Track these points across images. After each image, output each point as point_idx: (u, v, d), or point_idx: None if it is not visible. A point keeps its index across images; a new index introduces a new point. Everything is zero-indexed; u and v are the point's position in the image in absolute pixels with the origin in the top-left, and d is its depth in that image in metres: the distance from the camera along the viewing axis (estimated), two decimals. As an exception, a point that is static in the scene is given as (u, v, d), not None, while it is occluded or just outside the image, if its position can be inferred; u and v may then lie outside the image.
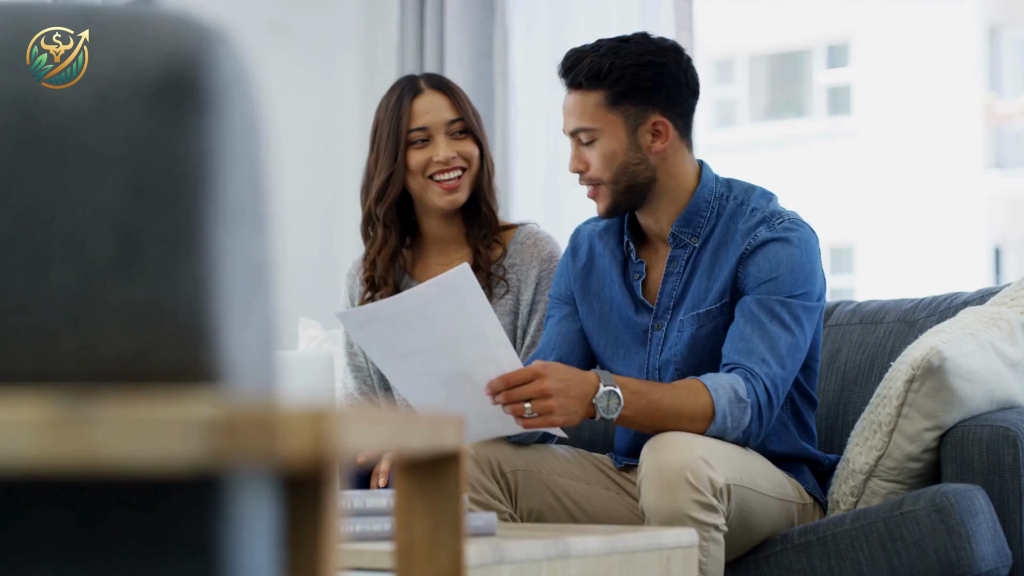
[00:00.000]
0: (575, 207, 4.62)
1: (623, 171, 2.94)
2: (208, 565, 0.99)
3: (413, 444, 1.27)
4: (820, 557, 2.89)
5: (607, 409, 2.75)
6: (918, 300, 3.47)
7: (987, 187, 18.13)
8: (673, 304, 3.01)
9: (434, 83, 3.40)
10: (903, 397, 2.92)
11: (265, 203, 1.01)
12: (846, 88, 18.95)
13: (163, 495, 0.98)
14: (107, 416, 0.90)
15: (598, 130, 2.94)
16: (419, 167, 3.33)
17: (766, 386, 2.84)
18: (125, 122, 0.98)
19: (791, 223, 2.94)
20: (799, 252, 2.92)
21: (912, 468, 2.94)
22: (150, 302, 0.97)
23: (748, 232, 2.94)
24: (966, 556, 2.78)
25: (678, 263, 3.01)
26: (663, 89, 2.94)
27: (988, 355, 2.97)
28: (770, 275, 2.90)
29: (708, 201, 2.99)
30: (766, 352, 2.85)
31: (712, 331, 2.97)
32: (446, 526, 1.58)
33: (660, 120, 2.93)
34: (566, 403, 2.71)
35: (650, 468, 2.72)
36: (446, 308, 2.63)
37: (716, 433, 2.81)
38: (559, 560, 2.35)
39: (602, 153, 2.93)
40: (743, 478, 2.80)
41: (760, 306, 2.88)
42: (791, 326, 2.88)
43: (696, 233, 2.99)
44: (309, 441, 0.88)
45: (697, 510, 2.68)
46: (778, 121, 19.45)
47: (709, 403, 2.80)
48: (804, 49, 19.28)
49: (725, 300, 2.95)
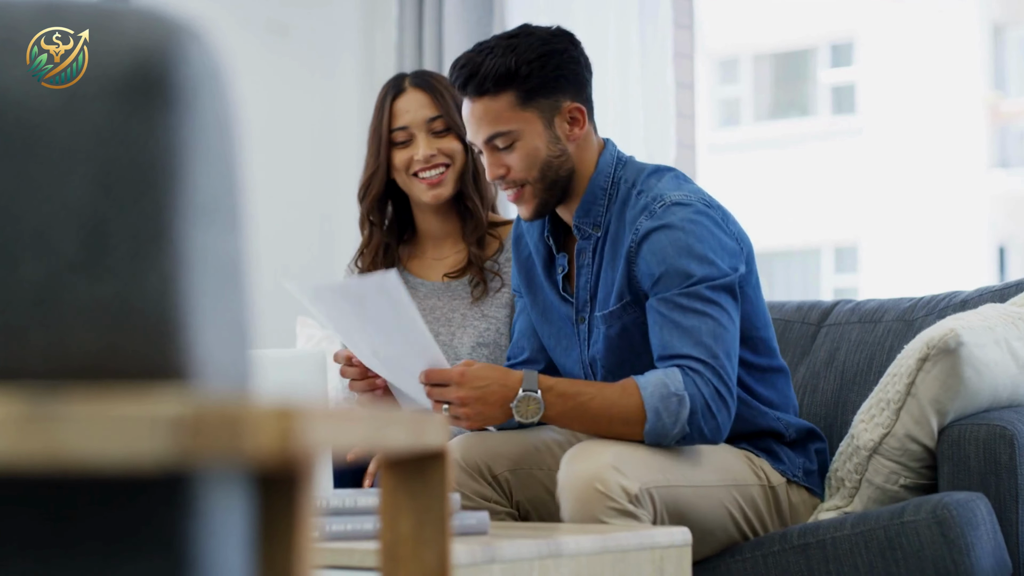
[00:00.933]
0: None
1: (547, 167, 2.88)
2: (177, 563, 0.98)
3: (392, 442, 1.26)
4: (818, 560, 2.88)
5: (524, 414, 2.75)
6: (916, 299, 3.46)
7: (991, 186, 18.10)
8: (589, 297, 2.97)
9: (417, 81, 3.42)
10: (914, 375, 2.89)
11: (238, 199, 1.00)
12: (850, 87, 18.93)
13: (132, 493, 0.98)
14: (74, 413, 0.89)
15: (516, 131, 2.87)
16: (403, 165, 3.37)
17: (709, 379, 2.75)
18: (93, 117, 0.97)
19: (673, 205, 2.83)
20: (683, 235, 2.80)
21: (913, 451, 2.92)
22: (118, 298, 0.96)
23: (633, 221, 2.86)
24: (965, 570, 2.76)
25: (586, 255, 2.96)
26: (569, 75, 2.89)
27: (1002, 351, 2.95)
28: (660, 268, 2.80)
29: (604, 188, 2.92)
30: (692, 348, 2.76)
31: (621, 330, 2.91)
32: (432, 524, 1.58)
33: (574, 106, 2.89)
34: (482, 410, 2.75)
35: (562, 480, 2.72)
36: (375, 306, 2.69)
37: (655, 431, 2.75)
38: (551, 559, 2.34)
39: (525, 153, 2.88)
40: (667, 478, 2.75)
41: (666, 304, 2.79)
42: (705, 310, 2.78)
43: (596, 223, 2.93)
44: (276, 439, 0.88)
45: (614, 517, 2.66)
46: (782, 120, 19.43)
47: (640, 403, 2.74)
48: (808, 48, 19.26)
49: (626, 300, 2.88)
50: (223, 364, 1.01)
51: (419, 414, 1.40)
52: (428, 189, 3.35)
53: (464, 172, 3.37)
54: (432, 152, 3.33)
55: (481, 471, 2.94)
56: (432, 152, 3.33)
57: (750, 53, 19.31)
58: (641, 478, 2.70)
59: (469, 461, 2.93)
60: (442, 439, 1.56)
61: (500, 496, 2.95)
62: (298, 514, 1.05)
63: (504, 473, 2.95)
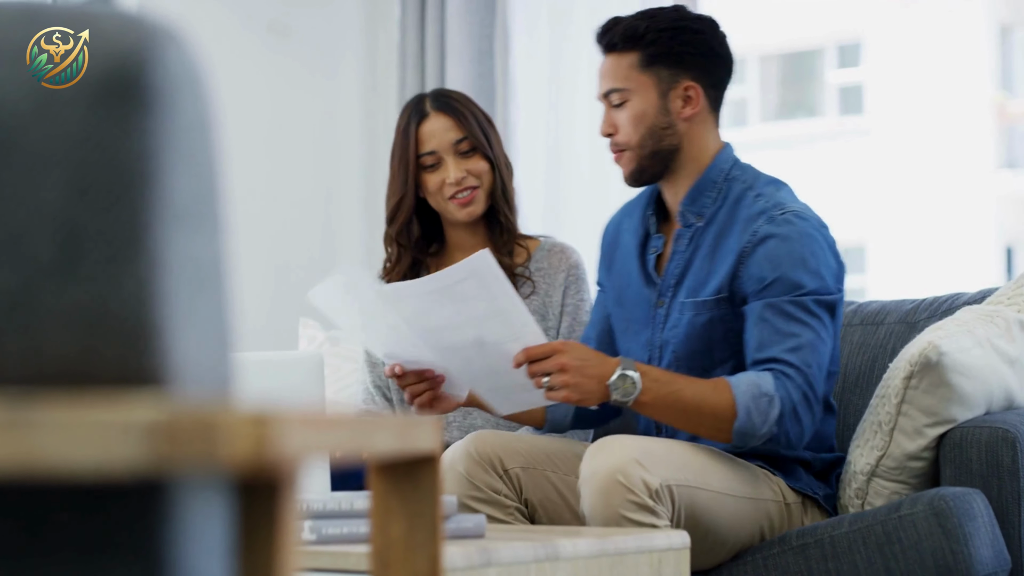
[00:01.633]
0: (575, 205, 4.62)
1: (650, 134, 2.97)
2: (155, 571, 0.97)
3: (379, 447, 1.25)
4: (817, 559, 2.87)
5: (622, 392, 2.76)
6: (919, 301, 3.45)
7: (998, 187, 18.08)
8: (675, 283, 3.01)
9: (438, 105, 3.49)
10: (902, 394, 2.90)
11: (216, 202, 0.99)
12: (857, 88, 18.92)
13: (109, 500, 0.97)
14: (47, 419, 0.88)
15: (630, 91, 2.98)
16: (435, 189, 3.45)
17: (799, 384, 2.80)
18: (68, 121, 0.96)
19: (794, 216, 2.90)
20: (800, 247, 2.87)
21: (913, 468, 2.92)
22: (94, 303, 0.95)
23: (750, 222, 2.92)
24: (963, 560, 2.76)
25: (682, 241, 3.02)
26: (696, 56, 2.98)
27: (986, 351, 2.95)
28: (774, 274, 2.86)
29: (716, 181, 3.00)
30: (788, 354, 2.81)
31: (707, 322, 2.95)
32: (423, 528, 1.57)
33: (692, 85, 2.97)
34: (581, 381, 2.75)
35: (585, 472, 2.74)
36: (469, 289, 2.71)
37: (744, 429, 2.78)
38: (548, 562, 2.33)
39: (632, 114, 2.97)
40: (688, 478, 2.77)
41: (771, 310, 2.85)
42: (808, 321, 2.84)
43: (701, 212, 2.99)
44: (251, 445, 0.86)
45: (633, 511, 2.68)
46: (789, 121, 19.42)
47: (731, 399, 2.78)
48: (815, 49, 19.24)
49: (723, 295, 2.93)
50: (202, 369, 0.99)
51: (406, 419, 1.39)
52: (461, 208, 3.44)
53: (494, 188, 3.47)
54: (462, 174, 3.42)
55: (493, 464, 2.95)
56: (462, 174, 3.42)
57: (757, 53, 19.29)
58: (663, 474, 2.71)
59: (482, 453, 2.94)
60: (433, 444, 1.55)
61: (510, 491, 2.96)
62: (279, 521, 1.04)
63: (516, 469, 2.97)
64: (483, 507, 2.91)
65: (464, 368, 2.88)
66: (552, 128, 4.67)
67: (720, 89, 3.03)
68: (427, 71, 4.83)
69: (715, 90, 3.01)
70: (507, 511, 2.94)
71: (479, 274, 2.69)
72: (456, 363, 2.87)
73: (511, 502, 2.96)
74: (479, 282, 2.70)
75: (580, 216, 4.60)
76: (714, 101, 3.02)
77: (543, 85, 4.69)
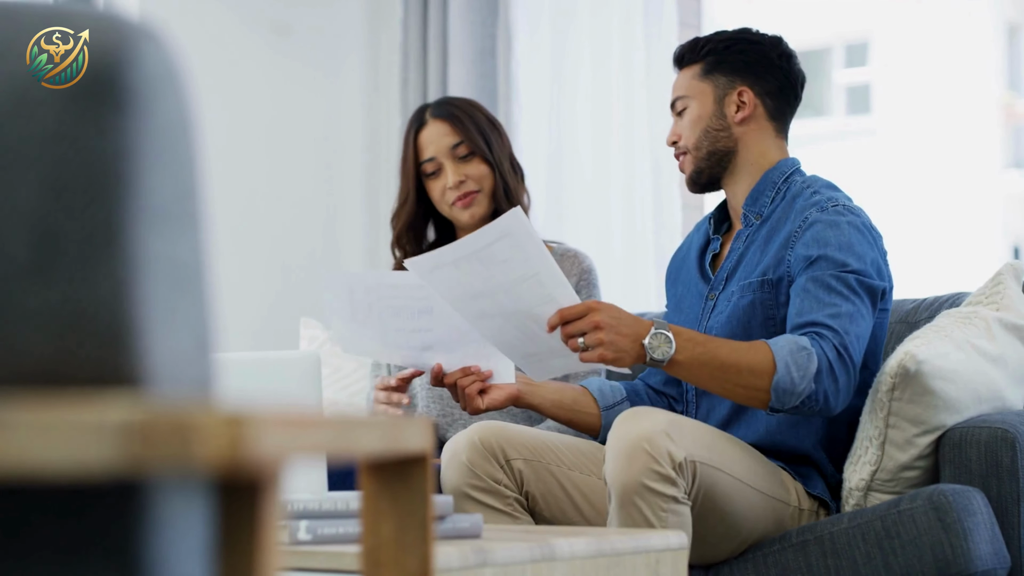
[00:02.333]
0: (577, 204, 4.61)
1: (705, 135, 3.09)
2: (132, 572, 0.96)
3: (363, 447, 1.24)
4: (817, 556, 2.87)
5: (658, 351, 2.76)
6: (919, 300, 3.44)
7: (1005, 186, 18.06)
8: (727, 276, 3.08)
9: (437, 112, 3.55)
10: (887, 407, 2.90)
11: (195, 202, 0.99)
12: (865, 87, 18.91)
13: (86, 502, 0.96)
14: (21, 420, 0.88)
15: (689, 98, 3.13)
16: (439, 196, 3.52)
17: (835, 345, 2.80)
18: (43, 120, 0.96)
19: (845, 209, 2.97)
20: (847, 234, 2.92)
21: (908, 478, 2.92)
22: (70, 303, 0.95)
23: (802, 211, 2.98)
24: (963, 554, 2.76)
25: (740, 240, 3.10)
26: (752, 65, 3.11)
27: (967, 353, 2.94)
28: (819, 252, 2.90)
29: (775, 182, 3.09)
30: (828, 319, 2.83)
31: (750, 304, 2.99)
32: (413, 529, 1.57)
33: (745, 91, 3.08)
34: (616, 339, 2.74)
35: (612, 438, 2.74)
36: (502, 251, 2.73)
37: (783, 384, 2.76)
38: (544, 563, 2.32)
39: (691, 119, 3.12)
40: (712, 458, 2.78)
41: (815, 282, 2.87)
42: (849, 296, 2.86)
43: (760, 212, 3.07)
44: (225, 446, 0.86)
45: (653, 479, 2.68)
46: (796, 120, 19.34)
47: (769, 355, 2.78)
48: (823, 48, 19.23)
49: (767, 277, 2.98)
50: (181, 369, 0.99)
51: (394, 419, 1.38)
52: (463, 211, 3.49)
53: (495, 191, 3.51)
54: (460, 178, 3.48)
55: (495, 454, 2.96)
56: (460, 178, 3.48)
57: (764, 53, 19.24)
58: (689, 448, 2.72)
59: (485, 443, 2.96)
60: (423, 443, 1.55)
61: (510, 481, 2.97)
62: (261, 522, 1.03)
63: (518, 461, 2.98)
64: (483, 496, 2.93)
65: (497, 336, 2.89)
66: (554, 127, 4.66)
67: (779, 99, 3.13)
68: (429, 71, 4.83)
69: (772, 99, 3.11)
70: (506, 501, 2.95)
71: (512, 233, 2.71)
72: (490, 331, 2.89)
73: (511, 493, 2.96)
74: (512, 242, 2.72)
75: (582, 216, 4.60)
76: (773, 110, 3.12)
77: (545, 85, 4.68)
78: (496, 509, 2.93)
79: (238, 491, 1.02)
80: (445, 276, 2.81)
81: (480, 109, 3.56)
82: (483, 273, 2.77)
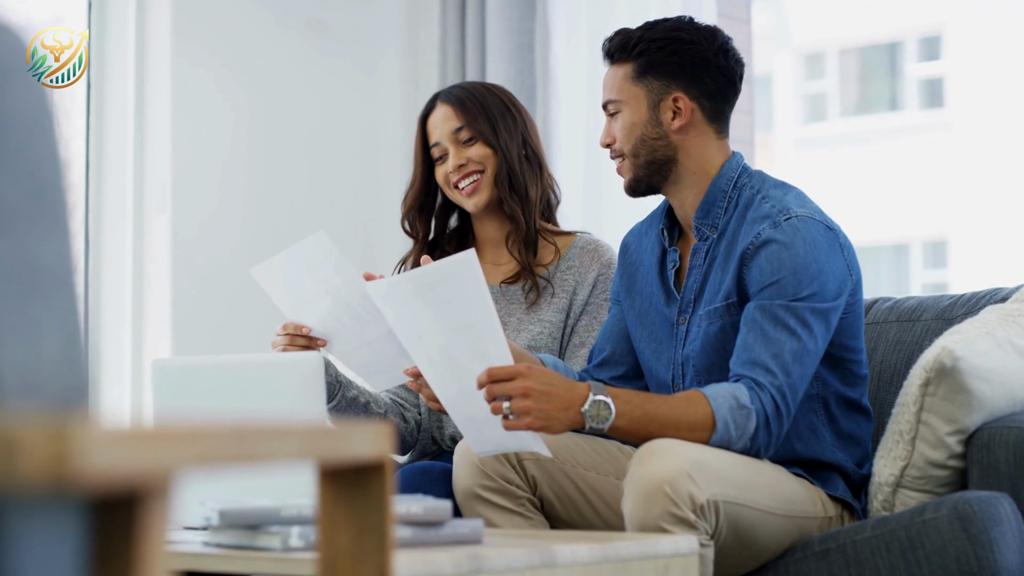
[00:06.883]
0: (616, 202, 4.55)
1: (642, 144, 2.95)
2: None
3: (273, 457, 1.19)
4: (839, 565, 2.80)
5: (596, 419, 2.68)
6: (956, 296, 3.37)
7: (1083, 180, 17.79)
8: (694, 298, 2.97)
9: (444, 96, 3.52)
10: (920, 402, 2.82)
11: (53, 202, 0.93)
12: (939, 81, 18.68)
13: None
14: None
15: (622, 102, 2.98)
16: (444, 181, 3.48)
17: (772, 396, 2.75)
18: None
19: (798, 221, 2.84)
20: (803, 252, 2.81)
21: (939, 476, 2.84)
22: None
23: (753, 224, 2.87)
24: (988, 566, 2.67)
25: (699, 256, 2.97)
26: (687, 67, 2.95)
27: (1006, 353, 2.85)
28: (772, 278, 2.81)
29: (725, 191, 2.95)
30: (769, 361, 2.76)
31: (720, 330, 2.90)
32: (371, 537, 1.53)
33: (680, 97, 2.94)
34: (546, 407, 2.63)
35: (633, 475, 2.66)
36: (447, 292, 2.61)
37: (720, 443, 2.72)
38: (544, 569, 2.26)
39: (623, 124, 2.97)
40: (737, 495, 2.70)
41: (763, 312, 2.80)
42: (796, 330, 2.78)
43: (714, 224, 2.95)
44: (47, 462, 0.81)
45: (672, 523, 2.60)
46: (869, 115, 19.20)
47: (709, 413, 2.72)
48: (896, 41, 19.02)
49: (731, 300, 2.88)
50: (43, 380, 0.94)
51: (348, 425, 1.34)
52: (467, 198, 3.45)
53: (498, 177, 3.44)
54: (461, 161, 3.43)
55: (507, 454, 2.89)
56: (461, 161, 3.43)
57: (836, 47, 19.09)
58: (712, 489, 2.64)
59: None
60: (380, 449, 1.50)
61: (522, 481, 2.92)
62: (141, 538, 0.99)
63: (530, 462, 2.92)
64: (495, 496, 2.88)
65: (440, 387, 2.74)
66: (592, 123, 4.62)
67: (717, 99, 2.98)
68: (468, 67, 4.79)
69: (710, 101, 2.97)
70: (519, 501, 2.90)
71: (460, 275, 2.58)
72: (434, 379, 2.74)
73: (523, 493, 2.92)
74: (458, 284, 2.59)
75: (620, 211, 4.53)
76: (712, 112, 2.97)
77: (583, 81, 4.64)
78: (508, 510, 2.88)
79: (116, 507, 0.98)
80: (397, 306, 2.69)
81: (497, 93, 3.50)
82: (427, 312, 2.64)
